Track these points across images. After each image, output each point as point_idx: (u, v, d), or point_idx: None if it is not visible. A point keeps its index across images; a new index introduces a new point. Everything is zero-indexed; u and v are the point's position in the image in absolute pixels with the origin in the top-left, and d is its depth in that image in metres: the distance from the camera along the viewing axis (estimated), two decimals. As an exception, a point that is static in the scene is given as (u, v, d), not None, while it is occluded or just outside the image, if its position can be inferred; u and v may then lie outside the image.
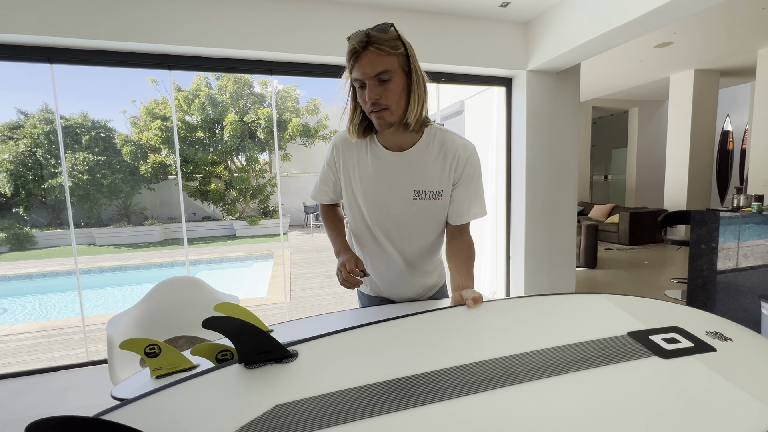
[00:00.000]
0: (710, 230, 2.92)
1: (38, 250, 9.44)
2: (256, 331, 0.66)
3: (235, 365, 0.67)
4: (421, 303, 1.21)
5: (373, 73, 0.87)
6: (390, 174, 1.02)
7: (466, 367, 0.63)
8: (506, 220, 3.45)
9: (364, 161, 1.04)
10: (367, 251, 1.14)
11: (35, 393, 2.25)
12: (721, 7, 3.42)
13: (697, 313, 0.80)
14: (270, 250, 8.33)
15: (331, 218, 1.18)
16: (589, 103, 7.59)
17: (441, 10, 2.79)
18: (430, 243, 1.11)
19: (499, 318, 0.79)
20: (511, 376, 0.60)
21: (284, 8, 2.52)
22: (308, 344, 0.72)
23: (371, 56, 0.86)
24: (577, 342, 0.69)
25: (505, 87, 3.31)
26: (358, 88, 0.91)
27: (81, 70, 16.07)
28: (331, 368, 0.65)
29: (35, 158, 9.73)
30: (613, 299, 0.85)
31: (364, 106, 0.92)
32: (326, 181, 1.13)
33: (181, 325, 1.89)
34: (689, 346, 0.67)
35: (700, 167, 5.75)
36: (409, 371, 0.63)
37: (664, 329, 0.72)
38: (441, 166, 1.00)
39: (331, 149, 1.09)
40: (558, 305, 0.84)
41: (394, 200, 1.03)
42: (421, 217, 1.05)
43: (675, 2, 1.99)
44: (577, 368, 0.62)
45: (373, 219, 1.07)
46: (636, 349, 0.67)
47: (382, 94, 0.88)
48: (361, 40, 0.86)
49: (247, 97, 10.84)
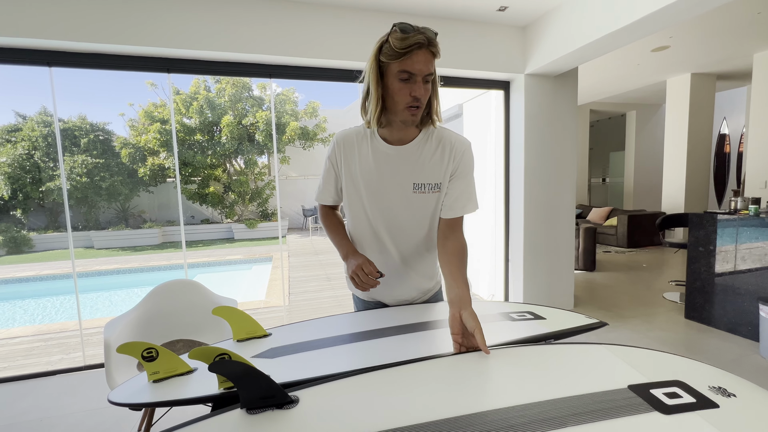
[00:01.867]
0: (708, 233, 2.93)
1: (36, 254, 9.41)
2: (258, 375, 0.67)
3: (237, 410, 0.68)
4: (416, 306, 1.22)
5: (427, 71, 0.90)
6: (391, 166, 1.04)
7: (464, 419, 0.63)
8: (505, 223, 3.46)
9: (365, 155, 1.06)
10: (366, 251, 1.13)
11: (32, 397, 2.24)
12: (717, 12, 3.45)
13: (699, 366, 0.79)
14: (268, 253, 8.31)
15: (332, 221, 1.17)
16: (587, 106, 7.62)
17: (439, 14, 2.81)
18: (427, 238, 1.12)
19: (498, 368, 0.79)
20: (510, 429, 0.60)
21: (283, 12, 2.53)
22: (309, 390, 0.73)
23: (428, 56, 0.90)
24: (577, 394, 0.68)
25: (503, 90, 3.32)
26: (400, 81, 0.91)
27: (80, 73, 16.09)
28: (331, 416, 0.65)
29: (33, 161, 9.72)
30: (612, 350, 0.84)
31: (401, 98, 0.93)
32: (329, 179, 1.13)
33: (179, 329, 1.88)
34: (691, 401, 0.66)
35: (698, 170, 5.78)
36: (408, 421, 0.63)
37: (665, 383, 0.71)
38: (439, 159, 1.03)
39: (333, 146, 1.10)
40: (558, 355, 0.84)
41: (395, 191, 1.05)
42: (421, 211, 1.07)
43: (671, 7, 2.01)
44: (576, 422, 0.61)
45: (374, 212, 1.08)
46: (636, 403, 0.66)
47: (425, 93, 0.92)
48: (425, 38, 0.88)
49: (245, 100, 10.86)
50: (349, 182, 1.09)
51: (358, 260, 1.03)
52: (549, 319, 1.12)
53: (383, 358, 0.89)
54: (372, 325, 1.11)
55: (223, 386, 0.79)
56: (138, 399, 0.81)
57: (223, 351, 0.77)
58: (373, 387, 0.74)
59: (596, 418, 0.62)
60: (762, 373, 2.28)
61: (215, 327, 1.85)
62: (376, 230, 1.10)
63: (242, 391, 0.67)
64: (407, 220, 1.08)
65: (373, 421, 0.64)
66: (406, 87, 0.91)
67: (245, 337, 1.06)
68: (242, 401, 0.68)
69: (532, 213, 3.24)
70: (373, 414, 0.66)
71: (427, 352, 0.89)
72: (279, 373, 0.85)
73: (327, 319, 1.20)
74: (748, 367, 2.33)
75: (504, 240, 3.48)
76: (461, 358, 0.83)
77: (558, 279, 3.37)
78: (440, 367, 0.80)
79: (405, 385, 0.75)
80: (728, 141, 7.40)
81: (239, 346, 1.02)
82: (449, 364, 0.81)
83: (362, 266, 1.00)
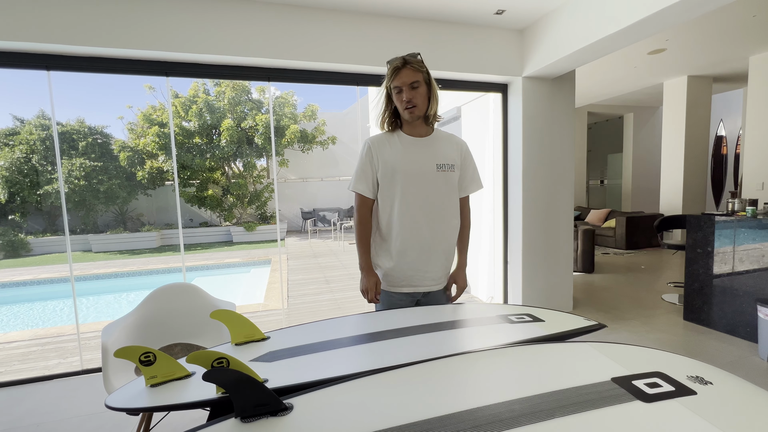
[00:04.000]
0: (706, 234, 2.94)
1: (33, 257, 9.36)
2: (253, 384, 0.68)
3: (231, 419, 0.68)
4: (413, 310, 1.26)
5: (408, 81, 1.30)
6: (418, 151, 1.37)
7: (455, 416, 0.65)
8: (503, 225, 3.46)
9: (396, 147, 1.38)
10: (402, 229, 1.36)
11: (29, 402, 2.22)
12: (713, 15, 3.47)
13: (679, 359, 0.84)
14: (267, 256, 8.29)
15: (366, 230, 1.41)
16: (585, 108, 7.65)
17: (438, 18, 2.82)
18: (450, 217, 1.41)
19: (488, 367, 0.83)
20: (499, 423, 0.63)
21: (282, 15, 2.54)
22: (303, 397, 0.74)
23: (407, 71, 1.30)
24: (563, 388, 0.72)
25: (501, 93, 3.33)
26: (396, 93, 1.33)
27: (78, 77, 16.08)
28: (324, 421, 0.67)
29: (31, 165, 9.69)
30: (597, 347, 0.89)
31: (399, 105, 1.33)
32: (366, 173, 1.39)
33: (177, 333, 1.87)
34: (671, 390, 0.70)
35: (695, 172, 5.80)
36: (400, 421, 0.65)
37: (646, 374, 0.76)
38: (451, 149, 1.41)
39: (368, 146, 1.39)
40: (545, 353, 0.88)
41: (424, 169, 1.36)
42: (443, 186, 1.38)
43: (667, 10, 2.02)
44: (563, 414, 0.64)
45: (409, 190, 1.35)
46: (619, 393, 0.70)
47: (413, 96, 1.31)
48: (401, 61, 1.31)
49: (244, 103, 10.87)
50: (387, 169, 1.36)
51: (371, 279, 1.38)
52: (547, 321, 1.12)
53: (380, 362, 0.89)
54: (370, 329, 1.11)
55: (220, 391, 0.79)
56: (135, 404, 0.80)
57: (221, 355, 0.76)
58: (367, 391, 0.75)
59: (581, 409, 0.65)
60: (761, 374, 2.28)
61: (213, 331, 1.84)
62: (410, 209, 1.35)
63: (236, 399, 0.67)
64: (434, 195, 1.37)
65: (366, 423, 0.65)
66: (400, 96, 1.32)
67: (243, 341, 1.06)
68: (236, 410, 0.68)
69: (530, 215, 3.25)
70: (366, 416, 0.67)
71: (423, 355, 0.90)
72: (277, 376, 0.85)
73: (325, 323, 1.20)
74: (747, 369, 2.33)
75: (503, 242, 3.48)
76: (452, 361, 0.85)
77: (557, 281, 3.37)
78: (432, 369, 0.82)
79: (396, 387, 0.76)
80: (725, 143, 7.43)
81: (237, 349, 1.02)
82: (441, 367, 0.83)
83: (368, 290, 1.38)
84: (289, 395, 0.75)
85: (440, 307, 1.30)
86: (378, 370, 0.82)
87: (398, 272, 1.38)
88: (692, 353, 2.56)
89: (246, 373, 0.69)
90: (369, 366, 0.86)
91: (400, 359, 0.88)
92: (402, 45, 2.77)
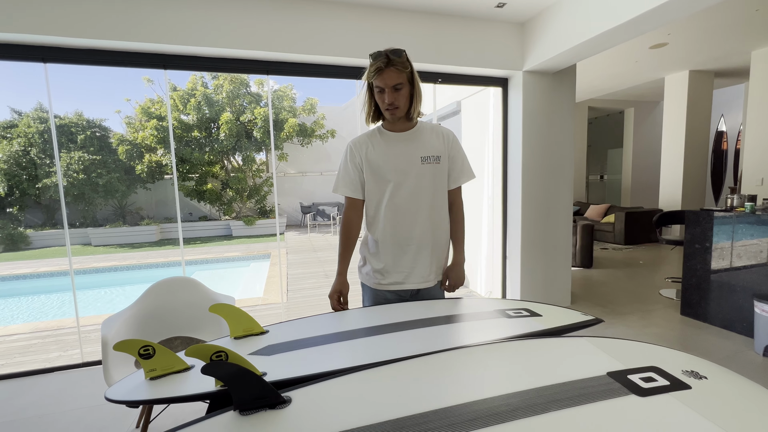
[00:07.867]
0: (704, 230, 2.94)
1: (32, 251, 9.36)
2: (251, 377, 0.68)
3: (230, 412, 0.69)
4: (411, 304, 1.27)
5: (391, 84, 1.23)
6: (400, 146, 1.34)
7: (452, 409, 0.66)
8: (502, 219, 3.46)
9: (378, 144, 1.35)
10: (392, 224, 1.33)
11: (29, 394, 2.24)
12: (715, 9, 3.45)
13: (674, 353, 0.84)
14: (267, 250, 8.30)
15: (348, 234, 1.38)
16: (585, 103, 7.62)
17: (437, 11, 2.80)
18: (438, 207, 1.36)
19: (484, 361, 0.83)
20: (495, 417, 0.63)
21: (281, 8, 2.52)
22: (301, 390, 0.75)
23: (391, 73, 1.22)
24: (558, 383, 0.72)
25: (501, 87, 3.32)
26: (378, 92, 1.27)
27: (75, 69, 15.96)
28: (322, 414, 0.67)
29: (29, 158, 9.65)
30: (594, 342, 0.89)
31: (381, 104, 1.28)
32: (345, 176, 1.37)
33: (177, 326, 1.88)
34: (665, 384, 0.71)
35: (695, 167, 5.79)
36: (397, 414, 0.66)
37: (642, 369, 0.76)
38: (437, 140, 1.36)
39: (350, 149, 1.37)
40: (541, 347, 0.88)
41: (408, 163, 1.32)
42: (429, 178, 1.33)
43: (669, 4, 2.01)
44: (558, 407, 0.65)
45: (395, 185, 1.32)
46: (614, 388, 0.70)
47: (396, 99, 1.25)
48: (384, 61, 1.22)
49: (243, 97, 10.80)
50: (370, 167, 1.34)
51: (335, 287, 1.34)
52: (545, 316, 1.13)
53: (378, 355, 0.89)
54: (368, 323, 1.12)
55: (219, 384, 0.80)
56: (135, 396, 0.81)
57: (220, 348, 0.77)
58: (365, 384, 0.76)
59: (577, 402, 0.66)
60: (756, 369, 2.30)
61: (213, 324, 1.85)
62: (394, 206, 1.32)
63: (235, 392, 0.68)
64: (421, 188, 1.33)
65: (363, 416, 0.66)
66: (382, 96, 1.26)
67: (242, 335, 1.06)
68: (235, 403, 0.68)
69: (529, 210, 3.25)
70: (363, 409, 0.68)
71: (420, 350, 0.90)
72: (275, 370, 0.85)
73: (324, 317, 1.21)
74: (743, 364, 2.35)
75: (501, 237, 3.49)
76: (450, 355, 0.86)
77: (555, 276, 3.39)
78: (429, 363, 0.83)
79: (395, 381, 0.76)
80: (725, 138, 7.41)
81: (236, 343, 1.03)
82: (438, 361, 0.84)
83: (331, 297, 1.34)
84: (287, 388, 0.75)
85: (438, 302, 1.30)
86: (376, 364, 0.83)
87: (384, 270, 1.36)
88: (689, 348, 2.58)
89: (244, 366, 0.69)
90: (367, 360, 0.87)
91: (398, 353, 0.89)
92: (402, 38, 2.74)
